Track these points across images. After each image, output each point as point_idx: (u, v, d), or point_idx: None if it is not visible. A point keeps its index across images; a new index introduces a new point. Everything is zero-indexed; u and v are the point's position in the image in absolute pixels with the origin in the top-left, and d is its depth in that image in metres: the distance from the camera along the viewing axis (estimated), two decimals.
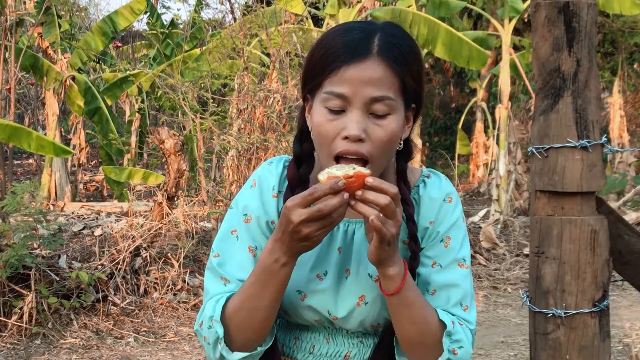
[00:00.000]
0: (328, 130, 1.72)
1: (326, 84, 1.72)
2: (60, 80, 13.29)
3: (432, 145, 21.87)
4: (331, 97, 1.71)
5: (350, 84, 1.69)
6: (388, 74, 1.70)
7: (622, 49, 17.99)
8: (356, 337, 1.89)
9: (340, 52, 1.70)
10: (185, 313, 7.14)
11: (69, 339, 6.45)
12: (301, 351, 1.92)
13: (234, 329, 1.79)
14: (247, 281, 1.77)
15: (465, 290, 1.87)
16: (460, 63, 11.84)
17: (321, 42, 1.77)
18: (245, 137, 8.02)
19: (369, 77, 1.69)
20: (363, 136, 1.69)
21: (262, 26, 8.90)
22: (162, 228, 7.65)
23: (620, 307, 7.71)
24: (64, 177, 13.90)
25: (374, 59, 1.70)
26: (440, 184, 1.91)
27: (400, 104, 1.74)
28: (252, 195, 1.90)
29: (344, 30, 1.75)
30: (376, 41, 1.71)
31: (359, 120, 1.69)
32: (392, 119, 1.72)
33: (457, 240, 1.87)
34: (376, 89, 1.69)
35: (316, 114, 1.75)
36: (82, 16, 23.44)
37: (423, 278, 1.85)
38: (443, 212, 1.87)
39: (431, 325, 1.78)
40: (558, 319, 2.26)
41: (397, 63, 1.71)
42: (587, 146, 2.21)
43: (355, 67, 1.69)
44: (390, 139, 1.72)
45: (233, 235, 1.88)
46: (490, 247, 10.30)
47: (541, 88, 2.31)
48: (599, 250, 2.24)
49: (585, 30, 2.25)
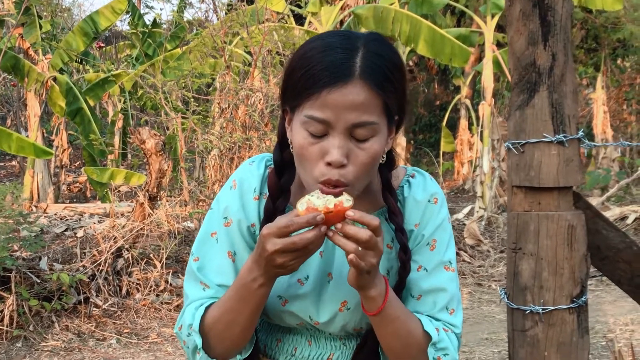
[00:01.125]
0: (310, 154, 1.67)
1: (307, 107, 1.66)
2: (41, 81, 13.20)
3: (416, 143, 21.86)
4: (312, 121, 1.65)
5: (332, 109, 1.63)
6: (371, 97, 1.64)
7: (605, 45, 18.02)
8: (339, 339, 1.88)
9: (322, 75, 1.63)
10: (168, 314, 7.10)
11: (50, 342, 6.40)
12: (283, 353, 1.91)
13: (213, 339, 1.79)
14: (227, 294, 1.76)
15: (452, 294, 1.86)
16: (443, 60, 11.83)
17: (301, 60, 1.69)
18: (227, 136, 7.98)
19: (351, 102, 1.62)
20: (345, 162, 1.64)
21: (243, 24, 8.86)
22: (144, 229, 7.59)
23: (604, 303, 7.71)
24: (46, 179, 13.80)
25: (356, 83, 1.62)
26: (425, 184, 1.88)
27: (383, 124, 1.69)
28: (232, 196, 1.87)
29: (325, 47, 1.67)
30: (358, 62, 1.64)
31: (341, 145, 1.64)
32: (375, 141, 1.67)
33: (442, 243, 1.86)
34: (359, 114, 1.63)
35: (296, 135, 1.70)
36: (65, 17, 23.34)
37: (408, 283, 1.84)
38: (428, 213, 1.85)
39: (415, 338, 1.77)
40: (536, 316, 2.24)
41: (380, 86, 1.65)
42: (564, 141, 2.19)
43: (337, 92, 1.62)
44: (372, 161, 1.68)
45: (213, 238, 1.86)
46: (474, 244, 10.29)
47: (517, 83, 2.29)
48: (577, 245, 2.22)
49: (561, 23, 2.23)
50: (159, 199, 8.04)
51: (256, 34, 8.88)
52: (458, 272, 1.92)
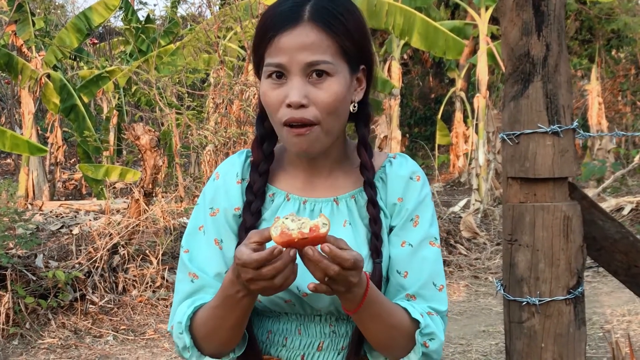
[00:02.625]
0: (272, 99, 1.75)
1: (266, 56, 1.76)
2: (35, 79, 13.17)
3: (412, 136, 21.86)
4: (270, 68, 1.74)
5: (284, 52, 1.72)
6: (321, 37, 1.72)
7: (599, 36, 18.04)
8: (329, 325, 1.86)
9: (273, 22, 1.74)
10: (165, 310, 7.08)
11: (47, 339, 6.38)
12: (274, 345, 1.89)
13: (201, 340, 1.82)
14: (214, 301, 1.77)
15: (439, 270, 1.87)
16: (437, 53, 11.83)
17: (260, 19, 1.81)
18: (222, 131, 7.96)
19: (301, 43, 1.71)
20: (304, 102, 1.72)
21: (237, 19, 8.83)
22: (139, 225, 7.58)
23: (601, 294, 7.71)
24: (41, 176, 13.77)
25: (305, 25, 1.72)
26: (407, 163, 1.92)
27: (341, 66, 1.75)
28: (216, 186, 1.92)
29: (279, 2, 1.78)
30: (308, 8, 1.74)
31: (298, 87, 1.71)
32: (333, 81, 1.73)
33: (426, 218, 1.87)
34: (310, 53, 1.71)
35: (262, 86, 1.79)
36: (59, 14, 23.29)
37: (394, 259, 1.84)
38: (411, 190, 1.88)
39: (400, 329, 1.77)
40: (532, 307, 2.23)
41: (329, 26, 1.73)
42: (558, 131, 2.18)
43: (287, 35, 1.71)
44: (334, 100, 1.74)
45: (200, 231, 1.90)
46: (470, 237, 10.29)
47: (511, 73, 2.28)
48: (573, 236, 2.21)
49: (555, 13, 2.21)
50: (154, 195, 8.02)
51: (250, 28, 8.86)
52: (455, 265, 1.93)
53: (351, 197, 1.88)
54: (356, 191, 1.88)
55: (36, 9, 17.35)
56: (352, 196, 1.88)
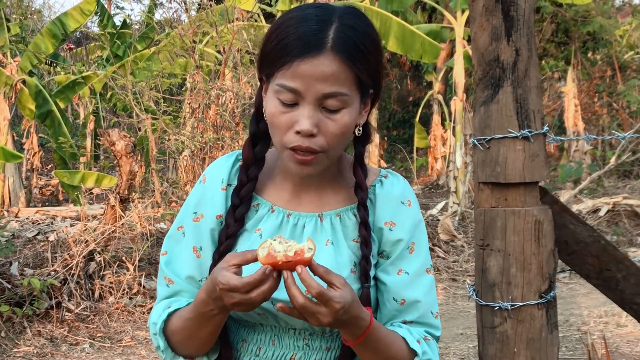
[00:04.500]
0: (280, 122, 1.70)
1: (279, 76, 1.68)
2: (10, 84, 13.08)
3: (390, 139, 21.89)
4: (283, 90, 1.68)
5: (302, 79, 1.65)
6: (342, 69, 1.66)
7: (575, 38, 18.15)
8: (302, 339, 1.85)
9: (294, 45, 1.65)
10: (142, 317, 7.04)
11: (22, 347, 6.33)
12: (247, 354, 1.89)
13: (175, 344, 1.84)
14: (186, 313, 1.78)
15: (434, 297, 1.87)
16: (413, 56, 11.85)
17: (277, 30, 1.71)
18: (198, 136, 7.93)
19: (321, 73, 1.64)
20: (315, 131, 1.67)
21: (212, 24, 8.81)
22: (116, 231, 7.53)
23: (578, 295, 7.75)
24: (17, 183, 13.66)
25: (328, 54, 1.64)
26: (398, 184, 1.89)
27: (355, 97, 1.71)
28: (202, 190, 1.90)
29: (300, 19, 1.69)
30: (331, 34, 1.66)
31: (310, 115, 1.66)
32: (346, 113, 1.69)
33: (421, 245, 1.87)
34: (329, 85, 1.65)
35: (269, 104, 1.73)
36: (35, 19, 23.15)
37: (390, 286, 1.84)
38: (403, 216, 1.85)
39: (397, 358, 1.78)
40: (505, 312, 2.23)
41: (352, 58, 1.66)
42: (529, 136, 2.18)
43: (308, 63, 1.64)
44: (343, 132, 1.70)
45: (179, 231, 1.89)
46: (448, 239, 10.31)
47: (481, 78, 2.28)
48: (544, 240, 2.21)
49: (524, 18, 2.22)
50: (130, 201, 7.98)
51: (225, 33, 8.83)
52: (433, 268, 1.94)
53: (336, 215, 1.85)
54: (343, 209, 1.86)
55: (12, 14, 17.25)
56: (338, 214, 1.85)
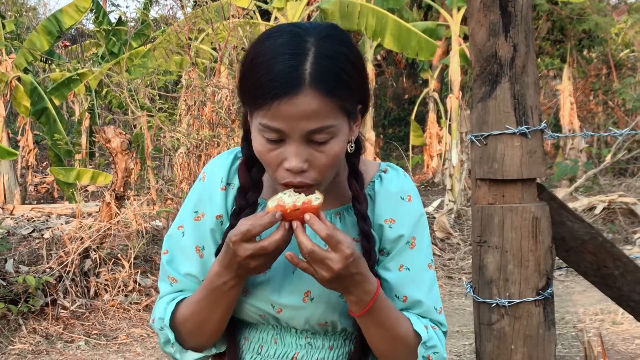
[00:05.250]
0: (269, 160, 1.65)
1: (260, 115, 1.61)
2: (5, 82, 13.05)
3: (386, 137, 21.87)
4: (266, 130, 1.61)
5: (284, 119, 1.57)
6: (324, 103, 1.58)
7: (570, 36, 18.12)
8: (304, 337, 1.84)
9: (271, 86, 1.56)
10: (137, 314, 7.03)
11: (17, 345, 6.31)
12: (249, 352, 1.88)
13: (185, 335, 1.82)
14: (197, 294, 1.77)
15: (436, 293, 1.85)
16: (409, 54, 11.84)
17: (250, 66, 1.63)
18: (194, 133, 7.91)
19: (303, 112, 1.56)
20: (305, 167, 1.62)
21: (208, 21, 8.79)
22: (111, 229, 7.51)
23: (573, 293, 7.75)
24: (12, 180, 13.64)
25: (307, 91, 1.56)
26: (398, 179, 1.85)
27: (342, 122, 1.64)
28: (201, 189, 1.87)
29: (273, 52, 1.60)
30: (308, 68, 1.57)
31: (298, 152, 1.61)
32: (335, 142, 1.63)
33: (422, 240, 1.83)
34: (313, 122, 1.58)
35: (255, 141, 1.67)
36: (30, 16, 23.11)
37: (391, 283, 1.81)
38: (403, 212, 1.82)
39: (404, 340, 1.76)
40: (502, 309, 2.23)
41: (332, 91, 1.58)
42: (527, 132, 2.17)
43: (288, 103, 1.56)
44: (333, 162, 1.65)
45: (179, 230, 1.87)
46: (444, 237, 10.31)
47: (479, 75, 2.27)
48: (541, 237, 2.21)
49: (522, 14, 2.21)
50: (126, 198, 7.96)
51: (221, 30, 8.82)
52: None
53: (336, 214, 1.82)
54: (342, 208, 1.83)
55: (7, 11, 17.21)
56: (338, 213, 1.83)
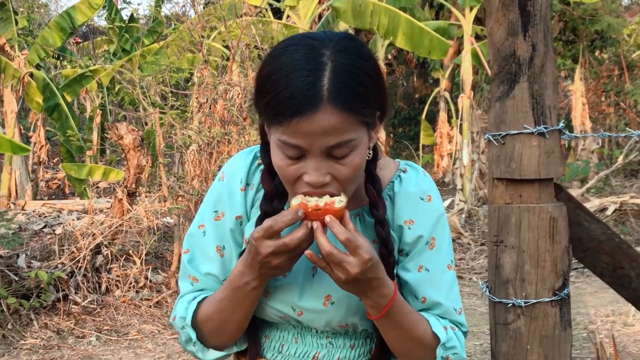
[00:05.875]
0: (289, 175, 1.63)
1: (279, 131, 1.59)
2: (18, 77, 13.08)
3: (396, 136, 21.84)
4: (286, 146, 1.60)
5: (303, 136, 1.56)
6: (343, 119, 1.56)
7: (583, 37, 18.05)
8: (325, 337, 1.84)
9: (289, 104, 1.55)
10: (148, 310, 7.04)
11: (29, 340, 6.33)
12: (270, 350, 1.88)
13: (207, 334, 1.82)
14: (219, 294, 1.77)
15: (456, 293, 1.84)
16: (422, 53, 11.81)
17: (268, 82, 1.60)
18: (205, 131, 7.91)
19: (322, 129, 1.55)
20: (327, 180, 1.60)
21: (220, 19, 8.79)
22: (123, 225, 7.53)
23: (585, 294, 7.73)
24: (24, 175, 13.68)
25: (326, 108, 1.54)
26: (418, 179, 1.82)
27: (362, 134, 1.62)
28: (220, 189, 1.86)
29: (290, 68, 1.57)
30: (325, 84, 1.54)
31: (318, 167, 1.59)
32: (355, 154, 1.61)
33: (442, 240, 1.82)
34: (332, 138, 1.56)
35: (274, 155, 1.65)
36: (42, 12, 23.18)
37: (411, 284, 1.80)
38: (423, 212, 1.80)
39: (422, 341, 1.76)
40: (518, 309, 2.22)
41: (352, 106, 1.57)
42: (544, 132, 2.17)
43: (306, 121, 1.54)
44: (355, 173, 1.64)
45: (200, 230, 1.87)
46: (455, 237, 10.30)
47: (497, 74, 2.26)
48: (558, 238, 2.20)
49: (541, 13, 2.21)
50: (137, 194, 7.97)
51: (234, 28, 8.82)
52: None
53: (356, 215, 1.81)
54: (362, 209, 1.82)
55: (19, 7, 17.25)
56: (357, 214, 1.81)
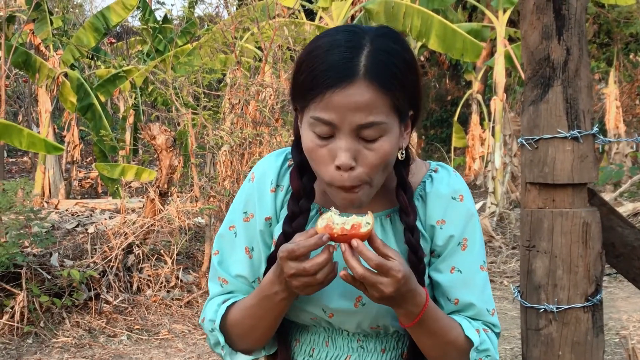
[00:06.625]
0: (319, 157, 1.65)
1: (312, 108, 1.62)
2: (52, 77, 13.22)
3: (428, 138, 21.79)
4: (318, 123, 1.61)
5: (336, 110, 1.58)
6: (377, 97, 1.58)
7: (617, 40, 17.91)
8: (357, 340, 1.84)
9: (324, 76, 1.58)
10: (179, 310, 7.08)
11: (61, 338, 6.39)
12: (301, 354, 1.88)
13: (235, 338, 1.82)
14: (249, 300, 1.77)
15: (489, 294, 1.84)
16: (454, 55, 11.77)
17: (306, 59, 1.64)
18: (237, 132, 7.94)
19: (355, 103, 1.57)
20: (354, 164, 1.61)
21: (254, 20, 8.82)
22: (154, 225, 7.58)
23: (617, 299, 7.66)
24: (57, 175, 13.82)
25: (361, 83, 1.57)
26: (449, 179, 1.82)
27: (393, 123, 1.64)
28: (250, 190, 1.87)
29: (329, 46, 1.62)
30: (363, 60, 1.58)
31: (348, 147, 1.60)
32: (385, 140, 1.62)
33: (474, 240, 1.81)
34: (364, 115, 1.58)
35: (305, 138, 1.67)
36: (77, 13, 23.39)
37: (443, 285, 1.80)
38: (454, 212, 1.79)
39: (455, 345, 1.76)
40: (550, 314, 2.20)
41: (386, 85, 1.59)
42: (578, 136, 2.15)
43: (341, 93, 1.57)
44: (383, 161, 1.64)
45: (231, 231, 1.87)
46: (486, 240, 10.25)
47: (530, 77, 2.25)
48: (591, 243, 2.18)
49: (575, 17, 2.19)
50: (169, 195, 8.02)
51: (267, 29, 8.84)
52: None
53: (387, 216, 1.81)
54: (393, 210, 1.81)
55: (54, 7, 17.43)
56: (388, 215, 1.81)
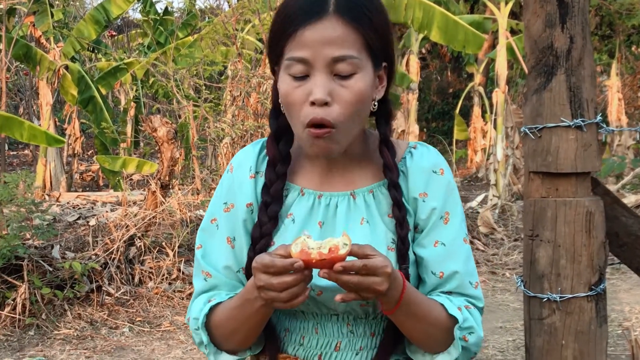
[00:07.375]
0: (295, 98, 1.68)
1: (287, 50, 1.68)
2: (53, 70, 13.20)
3: (429, 131, 21.77)
4: (293, 62, 1.67)
5: (309, 46, 1.64)
6: (348, 31, 1.65)
7: (619, 32, 17.86)
8: (346, 325, 1.83)
9: (296, 15, 1.66)
10: (181, 302, 7.08)
11: (62, 330, 6.39)
12: (291, 344, 1.87)
13: (219, 339, 1.81)
14: (232, 302, 1.76)
15: (472, 267, 1.83)
16: (456, 47, 11.73)
17: (280, 8, 1.72)
18: (239, 124, 7.94)
19: (327, 37, 1.64)
20: (328, 99, 1.64)
21: (255, 12, 8.81)
22: (156, 217, 7.58)
23: (619, 291, 7.65)
24: (59, 167, 13.82)
25: (331, 18, 1.64)
26: (429, 154, 1.85)
27: (366, 62, 1.69)
28: (229, 180, 1.88)
29: None
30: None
31: (323, 83, 1.64)
32: (359, 78, 1.67)
33: (456, 214, 1.82)
34: (336, 48, 1.64)
35: (282, 83, 1.71)
36: (77, 5, 23.34)
37: (427, 259, 1.80)
38: (435, 185, 1.81)
39: (438, 325, 1.75)
40: (553, 304, 2.19)
41: (356, 20, 1.66)
42: (582, 125, 2.14)
43: (312, 28, 1.64)
44: (358, 100, 1.67)
45: (213, 224, 1.87)
46: (488, 232, 10.24)
47: (534, 66, 2.23)
48: (595, 232, 2.17)
49: (579, 5, 2.17)
50: (171, 187, 8.02)
51: (268, 21, 8.83)
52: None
53: (369, 192, 1.82)
54: (374, 185, 1.82)
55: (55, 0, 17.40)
56: (370, 190, 1.82)
